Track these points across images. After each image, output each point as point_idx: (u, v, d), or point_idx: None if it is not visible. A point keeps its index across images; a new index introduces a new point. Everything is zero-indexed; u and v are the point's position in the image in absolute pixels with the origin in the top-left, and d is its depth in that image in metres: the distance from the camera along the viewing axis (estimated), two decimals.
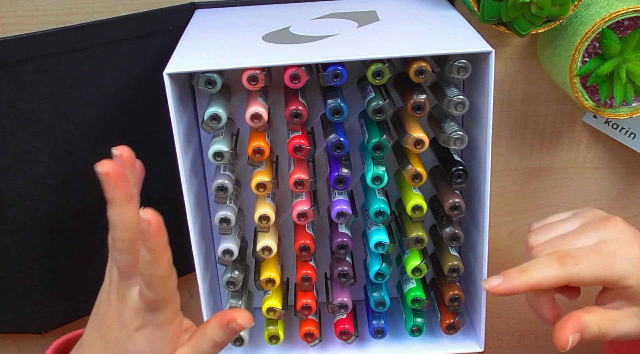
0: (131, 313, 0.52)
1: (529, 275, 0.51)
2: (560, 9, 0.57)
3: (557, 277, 0.51)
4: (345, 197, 0.60)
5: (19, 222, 0.62)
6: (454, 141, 0.56)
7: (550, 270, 0.51)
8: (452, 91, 0.56)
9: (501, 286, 0.52)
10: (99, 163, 0.49)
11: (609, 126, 0.69)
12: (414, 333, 0.64)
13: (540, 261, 0.52)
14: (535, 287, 0.51)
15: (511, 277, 0.51)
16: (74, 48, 0.59)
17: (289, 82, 0.54)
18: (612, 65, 0.58)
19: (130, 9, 0.63)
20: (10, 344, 0.72)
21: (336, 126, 0.59)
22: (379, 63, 0.54)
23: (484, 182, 0.57)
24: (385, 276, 0.61)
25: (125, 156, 0.52)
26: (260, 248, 0.60)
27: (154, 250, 0.49)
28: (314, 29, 0.59)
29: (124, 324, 0.52)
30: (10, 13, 0.62)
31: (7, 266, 0.64)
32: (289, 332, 0.66)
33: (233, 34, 0.59)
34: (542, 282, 0.51)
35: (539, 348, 0.81)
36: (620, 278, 0.51)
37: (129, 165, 0.52)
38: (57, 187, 0.63)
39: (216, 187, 0.57)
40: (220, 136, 0.57)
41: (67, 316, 0.67)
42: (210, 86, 0.54)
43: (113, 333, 0.53)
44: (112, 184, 0.49)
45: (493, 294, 0.52)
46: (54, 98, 0.60)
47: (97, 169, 0.49)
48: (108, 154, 0.64)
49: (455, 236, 0.59)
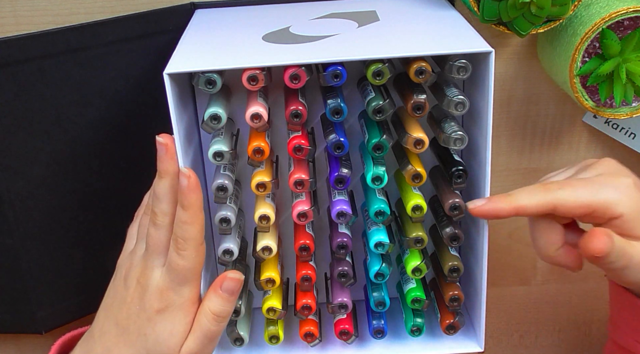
0: (153, 294, 0.52)
1: (514, 198, 0.52)
2: (560, 9, 0.57)
3: (541, 201, 0.52)
4: (345, 197, 0.60)
5: (19, 222, 0.62)
6: (454, 141, 0.56)
7: (534, 195, 0.52)
8: (452, 91, 0.56)
9: (485, 206, 0.53)
10: (161, 135, 0.52)
11: (609, 126, 0.69)
12: (414, 333, 0.64)
13: (525, 187, 0.53)
14: (520, 211, 0.52)
15: (495, 199, 0.53)
16: (74, 48, 0.60)
17: (289, 82, 0.54)
18: (612, 65, 0.58)
19: (130, 9, 0.63)
20: (10, 344, 0.72)
21: (336, 126, 0.59)
22: (379, 63, 0.54)
23: (484, 182, 0.57)
24: (385, 276, 0.61)
25: (170, 145, 0.53)
26: (260, 248, 0.60)
27: (191, 207, 0.51)
28: (314, 29, 0.59)
29: (144, 307, 0.53)
30: (10, 13, 0.62)
31: (7, 266, 0.64)
32: (289, 332, 0.66)
33: (233, 34, 0.59)
34: (526, 206, 0.52)
35: (539, 347, 0.81)
36: (607, 204, 0.51)
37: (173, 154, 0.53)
38: (57, 187, 0.63)
39: (216, 187, 0.57)
40: (220, 136, 0.57)
41: (66, 316, 0.67)
42: (210, 86, 0.54)
43: (131, 318, 0.53)
44: (167, 156, 0.52)
45: (475, 215, 0.53)
46: (54, 98, 0.60)
47: (158, 138, 0.52)
48: (108, 154, 0.64)
49: (455, 236, 0.59)
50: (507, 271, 0.77)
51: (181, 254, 0.51)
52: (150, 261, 0.53)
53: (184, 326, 0.53)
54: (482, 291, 0.60)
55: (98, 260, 0.66)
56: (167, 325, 0.52)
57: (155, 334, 0.52)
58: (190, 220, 0.51)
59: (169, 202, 0.52)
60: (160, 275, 0.53)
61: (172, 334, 0.53)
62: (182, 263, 0.51)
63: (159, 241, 0.53)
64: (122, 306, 0.54)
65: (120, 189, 0.65)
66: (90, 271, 0.67)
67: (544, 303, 0.79)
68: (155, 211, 0.53)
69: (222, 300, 0.54)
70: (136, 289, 0.53)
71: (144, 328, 0.53)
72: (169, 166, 0.52)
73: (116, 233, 0.61)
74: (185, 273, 0.52)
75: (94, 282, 0.65)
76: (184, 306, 0.53)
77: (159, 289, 0.52)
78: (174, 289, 0.52)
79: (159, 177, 0.53)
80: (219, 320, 0.54)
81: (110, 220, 0.66)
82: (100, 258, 0.66)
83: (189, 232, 0.51)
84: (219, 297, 0.54)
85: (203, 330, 0.53)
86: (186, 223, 0.51)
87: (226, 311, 0.54)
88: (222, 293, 0.54)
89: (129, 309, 0.53)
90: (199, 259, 0.52)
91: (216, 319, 0.54)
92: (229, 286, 0.54)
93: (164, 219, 0.53)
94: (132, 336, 0.53)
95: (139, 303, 0.53)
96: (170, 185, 0.52)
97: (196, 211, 0.51)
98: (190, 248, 0.51)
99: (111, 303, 0.55)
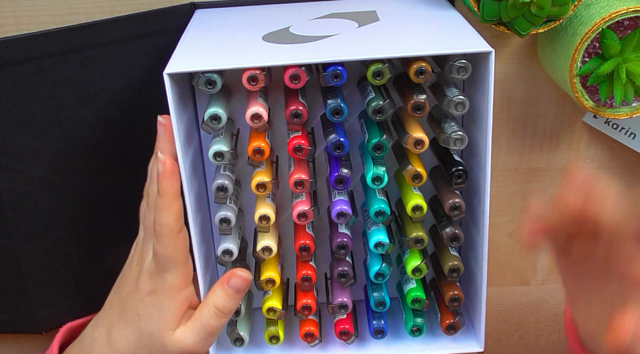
0: (145, 275, 0.53)
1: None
2: (560, 9, 0.57)
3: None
4: (345, 197, 0.60)
5: (19, 222, 0.62)
6: (454, 141, 0.56)
7: None
8: (452, 91, 0.56)
9: None
10: (162, 115, 0.52)
11: (609, 126, 0.69)
12: (414, 333, 0.64)
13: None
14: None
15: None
16: (74, 48, 0.60)
17: (289, 82, 0.54)
18: (612, 65, 0.58)
19: (130, 9, 0.63)
20: (10, 344, 0.72)
21: (336, 126, 0.59)
22: (379, 63, 0.54)
23: (484, 182, 0.57)
24: (385, 276, 0.61)
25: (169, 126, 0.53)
26: (260, 248, 0.60)
27: (166, 194, 0.50)
28: (314, 29, 0.59)
29: (138, 287, 0.53)
30: (10, 13, 0.62)
31: (7, 266, 0.64)
32: (289, 332, 0.66)
33: (233, 34, 0.59)
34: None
35: (539, 347, 0.81)
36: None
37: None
38: (57, 187, 0.63)
39: (216, 187, 0.57)
40: (220, 136, 0.57)
41: (66, 316, 0.67)
42: (210, 86, 0.54)
43: (129, 296, 0.54)
44: (166, 136, 0.52)
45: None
46: (54, 98, 0.60)
47: (159, 118, 0.52)
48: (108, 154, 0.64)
49: (455, 236, 0.59)
50: (507, 271, 0.77)
51: (159, 241, 0.51)
52: (146, 242, 0.54)
53: (172, 311, 0.53)
54: (482, 291, 0.60)
55: (98, 260, 0.66)
56: (156, 309, 0.53)
57: (146, 315, 0.53)
58: (164, 206, 0.50)
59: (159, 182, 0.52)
60: (151, 258, 0.53)
61: (160, 317, 0.53)
62: (161, 250, 0.51)
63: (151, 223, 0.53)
64: (126, 283, 0.55)
65: (120, 189, 0.65)
66: (90, 271, 0.67)
67: (544, 303, 0.79)
68: (148, 192, 0.53)
69: (227, 296, 0.54)
70: (135, 269, 0.54)
71: (137, 307, 0.54)
72: (164, 145, 0.52)
73: (116, 233, 0.61)
74: (165, 260, 0.52)
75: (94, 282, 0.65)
76: (169, 292, 0.53)
77: (149, 272, 0.53)
78: (159, 274, 0.53)
79: (153, 158, 0.53)
80: (221, 315, 0.54)
81: (110, 220, 0.66)
82: (100, 258, 0.66)
83: (163, 220, 0.51)
84: (224, 292, 0.54)
85: (203, 322, 0.53)
86: (161, 210, 0.51)
87: (229, 308, 0.54)
88: (228, 288, 0.54)
89: (129, 287, 0.54)
90: (178, 246, 0.52)
91: (217, 314, 0.54)
92: (236, 283, 0.54)
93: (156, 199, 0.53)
94: (128, 315, 0.54)
95: (135, 283, 0.54)
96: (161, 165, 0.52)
97: (170, 199, 0.51)
98: (167, 236, 0.51)
99: (120, 280, 0.57)
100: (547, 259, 0.76)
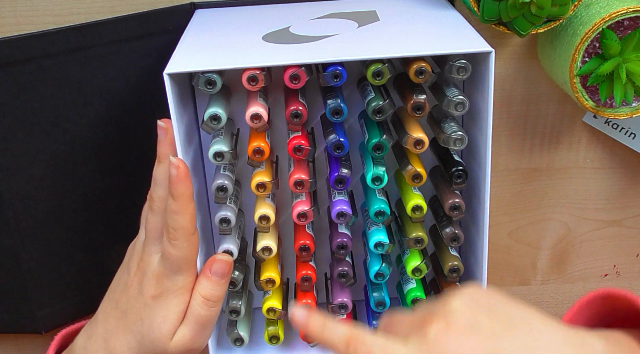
0: (150, 280, 0.53)
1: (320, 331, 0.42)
2: (560, 9, 0.57)
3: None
4: (345, 197, 0.60)
5: (19, 222, 0.62)
6: (454, 141, 0.56)
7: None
8: (452, 91, 0.56)
9: (300, 320, 0.43)
10: (162, 119, 0.52)
11: (609, 126, 0.69)
12: None
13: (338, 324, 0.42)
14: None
15: (312, 321, 0.43)
16: (74, 48, 0.60)
17: (289, 82, 0.54)
18: (612, 65, 0.58)
19: (130, 9, 0.63)
20: (10, 344, 0.72)
21: (336, 126, 0.59)
22: (379, 63, 0.54)
23: (484, 182, 0.57)
24: (385, 276, 0.61)
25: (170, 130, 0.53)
26: (260, 248, 0.60)
27: (180, 197, 0.50)
28: (314, 29, 0.59)
29: (142, 292, 0.53)
30: (10, 13, 0.62)
31: (7, 266, 0.64)
32: (289, 332, 0.66)
33: (233, 34, 0.59)
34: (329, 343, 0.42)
35: None
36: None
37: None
38: (57, 187, 0.63)
39: (216, 187, 0.57)
40: (220, 136, 0.57)
41: (66, 316, 0.67)
42: (210, 86, 0.54)
43: (130, 302, 0.54)
44: (167, 141, 0.52)
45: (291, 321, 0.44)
46: (54, 98, 0.60)
47: (159, 122, 0.52)
48: (108, 154, 0.64)
49: (455, 236, 0.59)
50: (507, 271, 0.77)
51: (173, 243, 0.51)
52: (148, 246, 0.53)
53: (177, 313, 0.53)
54: None
55: (98, 260, 0.66)
56: (161, 311, 0.53)
57: (150, 320, 0.53)
58: (179, 210, 0.51)
59: (166, 187, 0.52)
60: (158, 261, 0.53)
61: (165, 321, 0.53)
62: (174, 252, 0.52)
63: (156, 227, 0.53)
64: (124, 290, 0.55)
65: (120, 189, 0.65)
66: (90, 271, 0.67)
67: (544, 303, 0.79)
68: (152, 196, 0.53)
69: (212, 283, 0.54)
70: (136, 274, 0.54)
71: (140, 312, 0.53)
72: (166, 149, 0.52)
73: (116, 233, 0.61)
74: (178, 262, 0.52)
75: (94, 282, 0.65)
76: (177, 293, 0.53)
77: (155, 275, 0.53)
78: (168, 277, 0.53)
79: (157, 162, 0.53)
80: (210, 305, 0.54)
81: (110, 220, 0.66)
82: (100, 258, 0.66)
83: (178, 222, 0.51)
84: (208, 280, 0.54)
85: (194, 315, 0.53)
86: (176, 213, 0.51)
87: (216, 295, 0.54)
88: (211, 275, 0.54)
89: (129, 293, 0.54)
90: (192, 248, 0.52)
91: (206, 304, 0.54)
92: (218, 269, 0.54)
93: (161, 204, 0.53)
94: (129, 321, 0.54)
95: (137, 288, 0.54)
96: (165, 170, 0.52)
97: (185, 201, 0.51)
98: (181, 238, 0.51)
99: (115, 287, 0.56)
100: (547, 259, 0.76)
